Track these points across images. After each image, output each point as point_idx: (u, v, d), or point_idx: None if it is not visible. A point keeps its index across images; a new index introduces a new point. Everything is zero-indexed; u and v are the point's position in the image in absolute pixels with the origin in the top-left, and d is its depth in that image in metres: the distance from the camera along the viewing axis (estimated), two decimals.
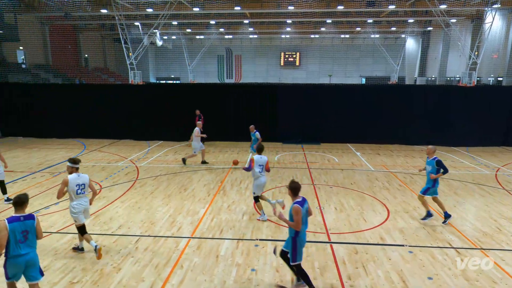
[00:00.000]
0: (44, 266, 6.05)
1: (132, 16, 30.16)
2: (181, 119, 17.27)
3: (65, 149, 15.86)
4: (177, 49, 44.72)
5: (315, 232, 7.44)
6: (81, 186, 6.29)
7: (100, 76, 37.63)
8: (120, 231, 7.42)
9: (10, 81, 20.42)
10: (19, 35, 25.66)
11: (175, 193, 9.89)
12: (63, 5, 25.60)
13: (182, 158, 13.20)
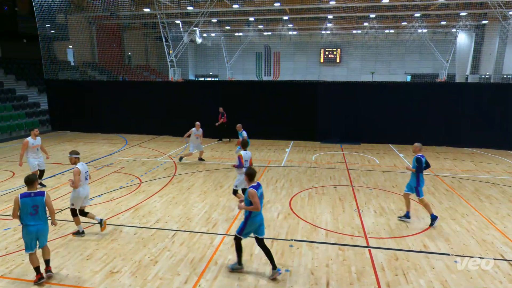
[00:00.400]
0: (86, 255, 6.44)
1: (173, 15, 31.08)
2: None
3: (109, 143, 16.71)
4: (216, 47, 45.48)
5: (353, 236, 7.27)
6: (86, 174, 7.09)
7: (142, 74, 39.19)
8: (157, 225, 7.71)
9: (60, 78, 21.86)
10: (69, 34, 27.37)
11: (211, 189, 10.09)
12: (109, 5, 26.94)
13: (180, 156, 13.18)
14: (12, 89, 22.49)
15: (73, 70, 28.16)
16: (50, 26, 22.58)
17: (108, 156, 13.99)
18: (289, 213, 8.46)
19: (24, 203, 5.34)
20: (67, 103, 19.73)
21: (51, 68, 21.07)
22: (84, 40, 31.18)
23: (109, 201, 9.15)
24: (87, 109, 19.37)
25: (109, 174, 11.55)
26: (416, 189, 7.78)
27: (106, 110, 19.07)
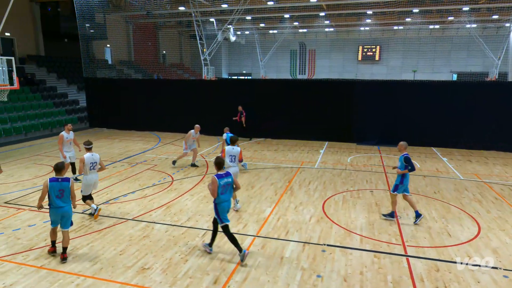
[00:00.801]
0: (119, 250, 6.71)
1: (207, 13, 31.64)
2: (251, 115, 17.66)
3: (143, 141, 17.31)
4: (250, 45, 45.76)
5: (390, 243, 7.05)
6: (94, 163, 8.07)
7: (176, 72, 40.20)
8: (188, 223, 7.88)
9: (98, 76, 22.93)
10: (107, 34, 28.66)
11: (242, 190, 10.16)
12: (146, 4, 27.89)
13: (173, 160, 12.70)
14: (53, 86, 23.89)
15: (110, 69, 29.44)
16: (90, 25, 23.73)
17: (142, 154, 14.49)
18: (322, 216, 8.35)
19: (52, 186, 6.23)
20: (104, 101, 20.66)
21: (89, 66, 22.15)
22: (121, 39, 32.49)
23: (142, 198, 9.48)
24: (123, 107, 20.18)
25: (142, 172, 11.96)
26: (396, 185, 7.95)
27: (140, 108, 19.77)
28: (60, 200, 6.26)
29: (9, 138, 17.41)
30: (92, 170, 8.07)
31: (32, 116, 19.39)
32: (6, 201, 9.20)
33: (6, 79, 12.19)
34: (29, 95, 21.08)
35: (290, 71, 51.09)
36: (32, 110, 19.94)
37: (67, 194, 6.31)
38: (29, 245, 6.87)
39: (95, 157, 8.12)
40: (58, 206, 6.25)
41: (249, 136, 17.56)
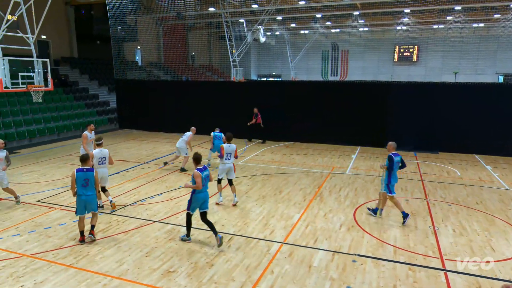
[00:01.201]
0: (145, 252, 6.87)
1: (237, 13, 31.98)
2: (280, 117, 17.63)
3: (170, 143, 17.68)
4: (280, 45, 45.76)
5: (426, 256, 6.79)
6: (102, 159, 8.74)
7: (205, 73, 40.87)
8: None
9: (128, 78, 23.72)
10: (137, 36, 29.62)
11: (270, 194, 10.15)
12: (176, 5, 28.59)
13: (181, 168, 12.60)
14: (85, 88, 24.94)
15: (140, 70, 30.37)
16: (121, 27, 24.60)
17: (170, 155, 14.79)
18: (353, 225, 8.18)
19: (78, 176, 6.99)
20: (134, 102, 21.32)
21: (120, 68, 22.95)
22: (151, 40, 33.45)
23: (168, 200, 9.68)
24: (152, 108, 20.73)
25: (169, 174, 12.21)
26: (387, 186, 8.25)
27: (169, 110, 20.23)
28: (85, 188, 7.02)
29: (43, 138, 18.33)
30: (101, 165, 8.72)
31: (64, 117, 20.32)
32: (38, 200, 9.68)
33: (41, 80, 12.86)
34: (62, 96, 22.12)
35: (321, 73, 50.61)
36: (64, 111, 20.89)
37: (92, 183, 7.06)
38: (59, 244, 7.18)
39: (103, 153, 8.77)
40: (83, 194, 7.03)
41: (262, 138, 17.80)
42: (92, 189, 7.08)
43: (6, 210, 8.93)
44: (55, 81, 21.27)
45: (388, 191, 8.23)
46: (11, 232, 7.68)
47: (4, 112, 17.97)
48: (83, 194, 7.02)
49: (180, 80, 28.74)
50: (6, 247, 7.02)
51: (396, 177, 8.28)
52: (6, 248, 6.99)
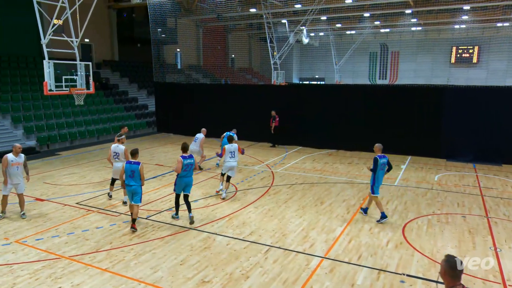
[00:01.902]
0: (180, 260, 7.02)
1: (279, 14, 32.14)
2: (323, 123, 17.43)
3: (208, 148, 18.01)
4: (324, 47, 45.37)
5: (486, 280, 6.38)
6: (117, 154, 9.96)
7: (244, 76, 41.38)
8: (251, 238, 7.98)
9: (167, 81, 24.54)
10: (177, 38, 30.63)
11: (310, 205, 10.04)
12: (216, 6, 29.28)
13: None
14: (125, 91, 26.12)
15: (179, 73, 31.34)
16: (161, 30, 25.57)
17: (207, 161, 15.07)
18: (402, 241, 7.87)
19: (126, 168, 8.20)
20: (172, 106, 21.99)
21: (159, 71, 23.82)
22: (190, 43, 34.45)
23: (205, 207, 9.85)
24: (190, 112, 21.27)
25: (206, 180, 12.44)
26: (371, 187, 8.91)
27: (207, 114, 20.64)
28: (132, 179, 8.16)
29: (84, 140, 19.39)
30: (116, 160, 9.98)
31: (104, 120, 21.37)
32: (77, 202, 10.22)
33: (83, 83, 13.63)
34: (103, 99, 23.30)
35: (368, 76, 49.52)
36: (105, 114, 21.98)
37: (137, 175, 8.14)
38: (96, 247, 7.52)
39: (118, 149, 9.95)
40: (130, 184, 8.20)
41: (276, 142, 18.29)
42: (138, 181, 8.18)
43: (47, 211, 9.50)
44: (96, 84, 22.46)
45: (372, 191, 8.93)
46: (51, 233, 8.16)
47: (48, 114, 19.22)
48: (129, 184, 8.19)
49: (219, 83, 29.32)
50: (46, 248, 7.46)
51: (381, 179, 8.95)
52: (46, 248, 7.43)
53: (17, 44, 22.48)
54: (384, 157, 8.88)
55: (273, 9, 29.06)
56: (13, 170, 8.79)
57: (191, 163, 8.65)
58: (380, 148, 9.05)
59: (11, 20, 21.91)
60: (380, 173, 8.85)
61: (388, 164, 8.93)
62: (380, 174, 8.85)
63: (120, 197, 10.42)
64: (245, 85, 26.75)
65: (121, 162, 9.71)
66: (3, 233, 8.14)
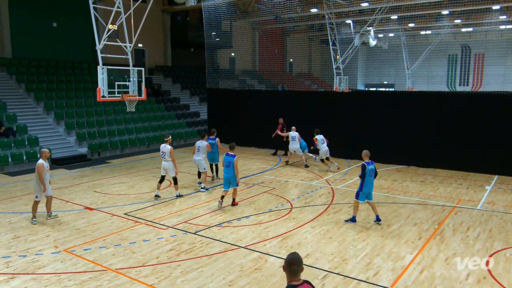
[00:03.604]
0: (228, 281, 7.10)
1: (343, 14, 31.85)
2: (390, 135, 16.89)
3: (261, 160, 18.17)
4: (394, 49, 44.06)
5: None
6: (163, 153, 11.82)
7: (303, 82, 41.35)
8: (306, 261, 7.86)
9: (220, 87, 25.20)
10: (232, 42, 31.45)
11: (375, 227, 9.73)
12: (274, 7, 29.70)
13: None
14: (177, 98, 27.25)
15: (233, 79, 32.08)
16: (216, 33, 26.41)
17: (260, 174, 15.19)
18: (485, 276, 7.32)
19: (224, 159, 10.98)
20: (224, 113, 22.51)
21: (213, 76, 24.55)
22: (246, 47, 35.18)
23: (256, 224, 9.89)
24: (243, 120, 21.62)
25: (259, 194, 12.52)
26: (357, 192, 9.85)
27: (261, 122, 20.85)
28: (228, 168, 10.84)
29: (134, 148, 20.45)
30: (163, 159, 11.82)
31: (155, 128, 22.40)
32: (125, 212, 10.75)
33: (135, 89, 14.43)
34: (154, 106, 24.48)
35: (447, 82, 47.24)
36: (155, 122, 23.04)
37: (232, 165, 10.77)
38: (142, 261, 7.84)
39: (164, 149, 11.80)
40: (226, 172, 10.89)
41: (275, 148, 19.24)
42: (232, 171, 10.78)
43: (95, 221, 10.10)
44: (148, 91, 23.67)
45: (356, 196, 9.86)
46: (99, 244, 8.65)
47: (99, 121, 20.57)
48: (225, 172, 10.87)
49: (275, 90, 29.54)
50: (93, 259, 7.91)
51: (370, 186, 9.77)
52: (93, 259, 7.89)
53: (73, 50, 24.48)
54: (372, 163, 9.81)
55: (337, 8, 28.86)
56: (47, 176, 9.85)
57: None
58: (367, 154, 9.90)
59: (68, 26, 23.95)
60: (369, 180, 9.69)
61: (375, 171, 9.88)
62: (369, 180, 9.69)
63: (162, 196, 10.79)
64: (304, 91, 26.66)
65: (168, 161, 11.68)
66: (53, 241, 8.77)
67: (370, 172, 9.72)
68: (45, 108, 19.97)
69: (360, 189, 9.82)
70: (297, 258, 3.75)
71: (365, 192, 9.81)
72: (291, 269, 3.73)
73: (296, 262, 3.73)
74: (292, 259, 3.74)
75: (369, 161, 9.85)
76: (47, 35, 23.28)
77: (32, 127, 18.25)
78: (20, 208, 11.14)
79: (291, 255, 3.79)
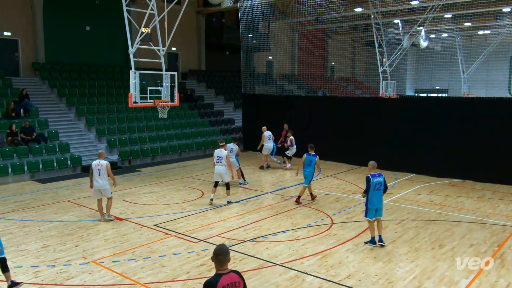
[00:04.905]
0: None
1: (391, 13, 31.38)
2: (443, 146, 16.41)
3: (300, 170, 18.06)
4: (448, 51, 42.89)
5: None
6: (220, 158, 12.57)
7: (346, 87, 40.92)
8: (348, 282, 7.72)
9: (256, 93, 25.36)
10: (269, 44, 31.65)
11: (426, 247, 9.44)
12: (316, 7, 29.67)
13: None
14: (211, 103, 27.65)
15: (270, 84, 32.23)
16: (252, 36, 26.69)
17: (298, 186, 15.10)
18: None
19: (306, 158, 12.63)
20: (261, 120, 22.57)
21: (249, 81, 24.75)
22: (284, 49, 35.30)
23: (293, 240, 9.82)
24: (281, 128, 21.60)
25: (296, 208, 12.45)
26: (365, 209, 9.48)
27: (299, 130, 20.72)
28: (309, 167, 12.51)
29: (165, 157, 20.89)
30: (218, 163, 12.58)
31: (187, 135, 22.81)
32: (155, 223, 10.97)
33: (168, 95, 14.78)
34: (187, 112, 24.95)
35: (509, 87, 45.46)
36: (188, 129, 23.46)
37: (313, 164, 12.51)
38: (172, 276, 7.96)
39: (221, 153, 12.58)
40: (306, 171, 12.53)
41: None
42: (312, 169, 12.51)
43: (125, 232, 10.37)
44: (181, 96, 24.17)
45: (365, 213, 9.49)
46: (128, 256, 8.86)
47: (131, 128, 21.18)
48: (306, 171, 12.53)
49: (315, 96, 29.42)
50: (122, 272, 8.11)
51: (378, 201, 9.31)
52: (122, 272, 8.09)
53: (105, 54, 25.44)
54: (379, 175, 9.38)
55: (384, 7, 28.48)
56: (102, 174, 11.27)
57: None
58: (373, 165, 9.50)
59: (101, 30, 24.92)
60: (375, 194, 9.27)
61: (384, 184, 9.41)
62: (375, 194, 9.28)
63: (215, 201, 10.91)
64: (347, 97, 26.39)
65: (224, 166, 12.53)
66: (82, 252, 9.07)
67: (377, 185, 9.31)
68: (76, 113, 20.81)
69: (366, 204, 9.49)
70: (224, 249, 4.31)
71: (373, 208, 9.36)
72: (218, 259, 4.29)
73: (222, 253, 4.28)
74: (219, 250, 4.30)
75: (375, 173, 9.44)
76: (80, 39, 24.31)
77: (63, 133, 19.04)
78: (50, 217, 11.62)
79: (218, 246, 4.37)
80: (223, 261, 4.32)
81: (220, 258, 4.30)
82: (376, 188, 9.29)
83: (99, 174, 11.01)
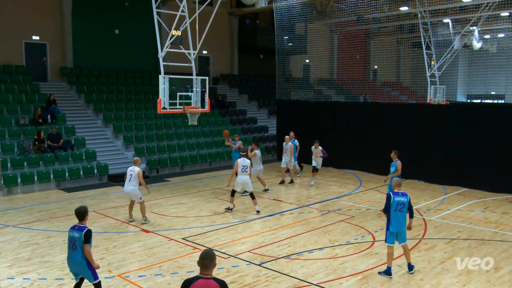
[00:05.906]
0: None
1: (440, 11, 30.78)
2: (500, 158, 15.91)
3: (338, 183, 17.89)
4: (504, 53, 41.62)
5: None
6: (245, 167, 13.12)
7: (389, 93, 40.32)
8: None
9: (292, 99, 25.36)
10: (306, 47, 31.61)
11: (479, 270, 9.15)
12: (357, 7, 29.46)
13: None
14: (243, 110, 27.85)
15: (307, 89, 32.17)
16: (288, 38, 26.75)
17: (336, 199, 14.94)
18: None
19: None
20: (297, 128, 22.48)
21: (284, 86, 24.77)
22: (322, 52, 35.19)
23: (331, 258, 9.70)
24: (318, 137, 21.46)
25: (334, 223, 12.30)
26: (386, 232, 8.75)
27: (339, 139, 20.59)
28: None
29: (195, 166, 21.14)
30: (243, 172, 13.05)
31: (218, 144, 23.00)
32: (184, 237, 11.08)
33: (198, 101, 14.95)
34: (218, 119, 25.21)
35: None
36: (219, 137, 23.66)
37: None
38: None
39: (246, 162, 13.17)
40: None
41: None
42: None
43: (152, 245, 10.53)
44: (212, 102, 24.44)
45: (385, 238, 8.78)
46: (155, 271, 8.98)
47: (159, 135, 21.57)
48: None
49: (356, 102, 29.12)
50: (148, 287, 8.21)
51: (399, 224, 8.59)
52: None
53: (134, 58, 26.12)
54: (403, 195, 8.72)
55: (432, 5, 27.97)
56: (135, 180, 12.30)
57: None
58: (397, 183, 8.94)
59: (130, 33, 25.62)
60: (396, 215, 8.63)
61: (409, 206, 8.72)
62: (396, 216, 8.63)
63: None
64: (391, 104, 26.01)
65: (247, 175, 13.04)
66: (107, 265, 9.26)
67: (399, 206, 8.60)
68: (104, 120, 21.40)
69: (387, 228, 8.74)
70: (210, 253, 4.55)
71: (393, 232, 8.67)
72: (203, 263, 4.49)
73: (208, 257, 4.50)
74: (205, 254, 4.54)
75: (398, 191, 8.79)
76: (109, 43, 25.09)
77: (90, 140, 19.61)
78: None
79: (205, 250, 4.64)
80: (208, 265, 4.49)
81: (205, 262, 4.49)
82: (398, 209, 8.63)
83: (130, 180, 11.99)
